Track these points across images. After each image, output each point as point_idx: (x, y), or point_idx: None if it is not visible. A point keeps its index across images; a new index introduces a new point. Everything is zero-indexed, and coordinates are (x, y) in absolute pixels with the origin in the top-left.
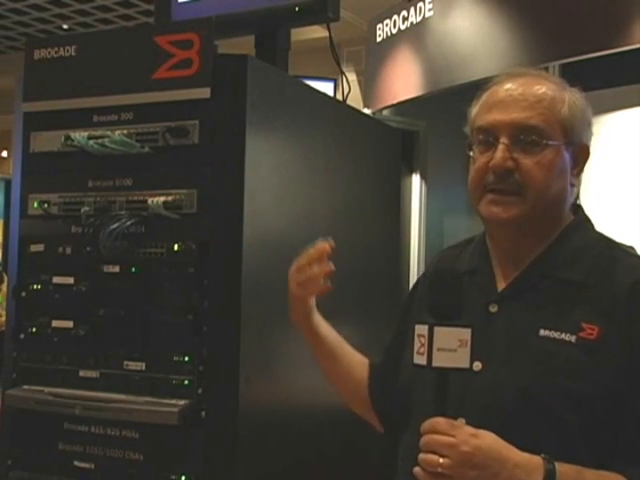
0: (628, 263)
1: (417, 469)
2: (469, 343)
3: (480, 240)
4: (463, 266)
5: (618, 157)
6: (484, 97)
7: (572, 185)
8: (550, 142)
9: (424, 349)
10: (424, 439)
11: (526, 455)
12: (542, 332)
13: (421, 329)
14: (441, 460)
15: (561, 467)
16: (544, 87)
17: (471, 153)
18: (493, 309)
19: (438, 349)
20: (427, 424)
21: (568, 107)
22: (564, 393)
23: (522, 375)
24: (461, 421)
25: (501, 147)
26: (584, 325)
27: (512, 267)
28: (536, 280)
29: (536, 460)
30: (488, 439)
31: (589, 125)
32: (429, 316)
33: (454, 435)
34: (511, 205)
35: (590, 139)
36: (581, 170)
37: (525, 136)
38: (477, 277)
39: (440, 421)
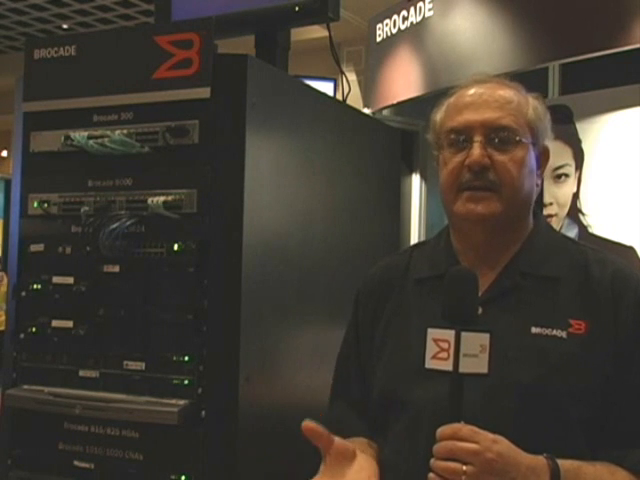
0: (597, 257)
1: (432, 476)
2: (488, 348)
3: (442, 243)
4: (425, 272)
5: (618, 157)
6: (452, 100)
7: (537, 185)
8: (523, 139)
9: (447, 354)
10: (445, 445)
11: (532, 457)
12: (534, 330)
13: (442, 334)
14: (465, 468)
15: (563, 464)
16: (510, 91)
17: (436, 154)
18: (478, 311)
19: (464, 355)
20: (447, 430)
21: (533, 109)
22: (565, 389)
23: (522, 375)
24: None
25: (477, 145)
26: (572, 321)
27: (487, 268)
28: (517, 279)
29: (541, 460)
30: (505, 444)
31: (548, 128)
32: (444, 321)
33: (477, 442)
34: (489, 202)
35: (548, 142)
36: (543, 171)
37: (497, 135)
38: None
39: (462, 427)
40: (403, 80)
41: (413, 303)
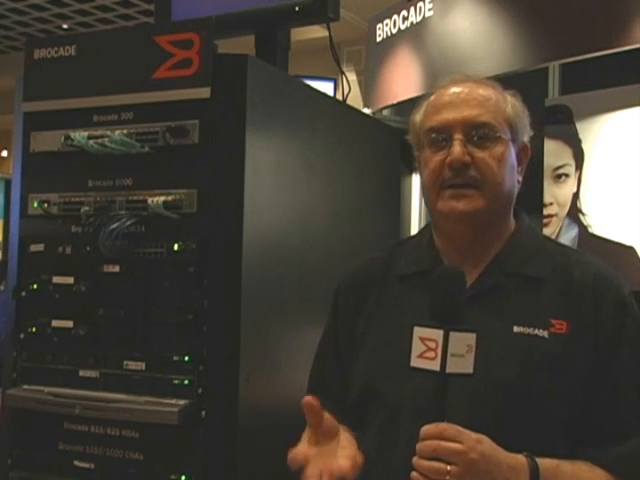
0: (579, 260)
1: (415, 474)
2: (474, 348)
3: (425, 240)
4: (407, 268)
5: (618, 157)
6: (431, 100)
7: (518, 182)
8: (502, 136)
9: (435, 354)
10: (429, 445)
11: (513, 456)
12: (516, 329)
13: (430, 333)
14: (449, 468)
15: (542, 463)
16: (488, 89)
17: (417, 154)
18: (466, 310)
19: (451, 355)
20: (432, 429)
21: (511, 106)
22: (547, 388)
23: (504, 374)
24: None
25: (457, 142)
26: (553, 321)
27: (469, 266)
28: (500, 278)
29: (521, 460)
30: (488, 444)
31: (527, 126)
32: (431, 319)
33: (461, 441)
34: (471, 198)
35: (528, 139)
36: (524, 168)
37: (477, 132)
38: None
39: (447, 427)
40: (403, 80)
41: (395, 299)
